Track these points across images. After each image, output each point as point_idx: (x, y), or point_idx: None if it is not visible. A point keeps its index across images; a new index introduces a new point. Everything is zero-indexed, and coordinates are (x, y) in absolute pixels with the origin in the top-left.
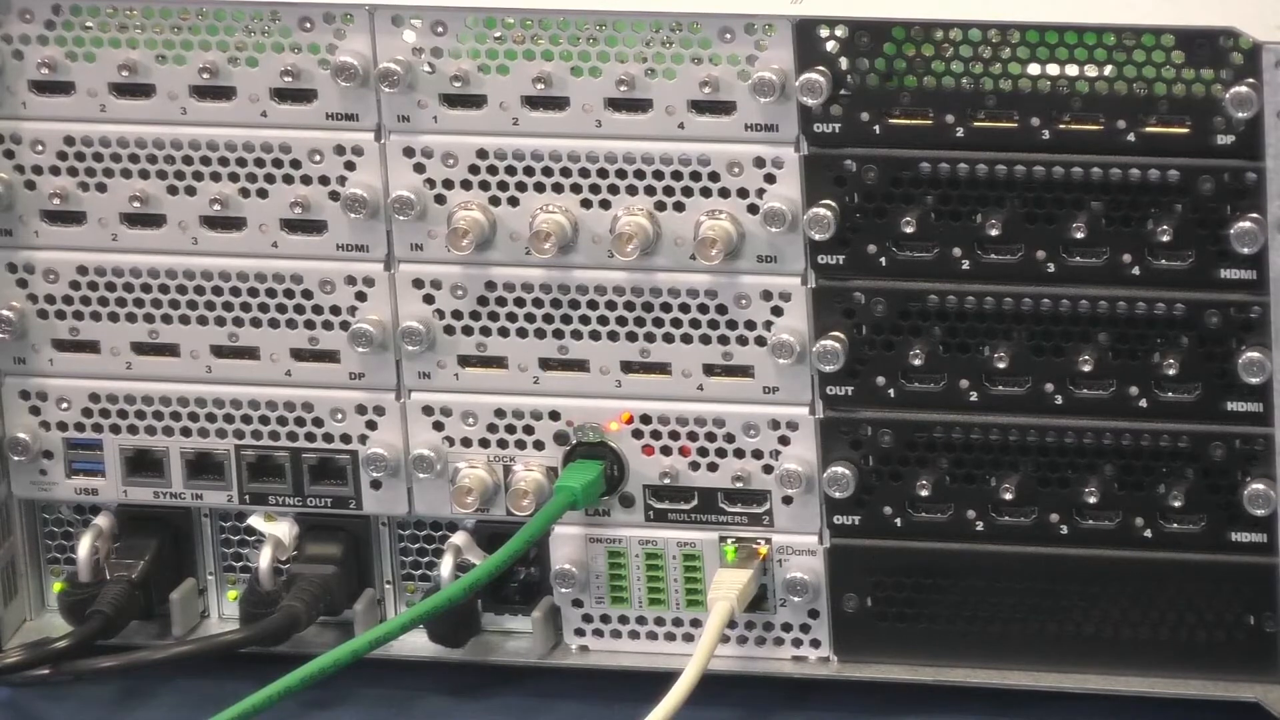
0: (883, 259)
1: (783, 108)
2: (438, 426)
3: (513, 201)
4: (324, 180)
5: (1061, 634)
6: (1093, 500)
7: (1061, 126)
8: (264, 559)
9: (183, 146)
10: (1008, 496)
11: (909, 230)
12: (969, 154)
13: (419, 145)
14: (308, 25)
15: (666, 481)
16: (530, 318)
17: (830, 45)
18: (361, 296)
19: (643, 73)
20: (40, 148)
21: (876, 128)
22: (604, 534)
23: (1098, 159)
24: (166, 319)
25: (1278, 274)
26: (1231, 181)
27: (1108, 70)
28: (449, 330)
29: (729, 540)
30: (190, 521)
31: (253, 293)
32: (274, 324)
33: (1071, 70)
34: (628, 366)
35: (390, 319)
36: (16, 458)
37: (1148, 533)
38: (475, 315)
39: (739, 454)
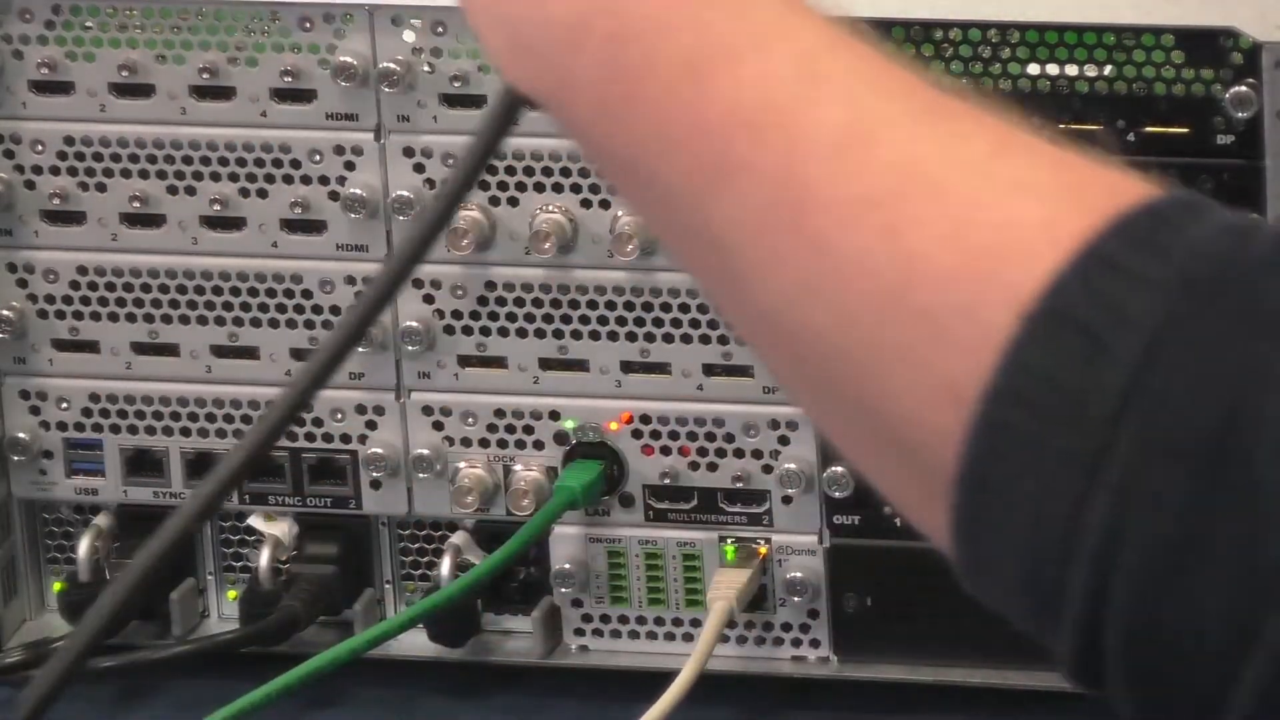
0: None
1: None
2: (438, 426)
3: (512, 201)
4: (324, 180)
5: None
6: None
7: (1061, 126)
8: (264, 559)
9: (183, 146)
10: None
11: None
12: None
13: (419, 145)
14: (308, 25)
15: (666, 481)
16: (530, 318)
17: None
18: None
19: None
20: (40, 148)
21: None
22: (604, 534)
23: None
24: (166, 319)
25: None
26: (1231, 181)
27: (1108, 70)
28: (449, 330)
29: (729, 540)
30: None
31: (253, 293)
32: (274, 324)
33: (1071, 70)
34: (628, 366)
35: (390, 319)
36: (16, 458)
37: None
38: (475, 315)
39: (739, 454)
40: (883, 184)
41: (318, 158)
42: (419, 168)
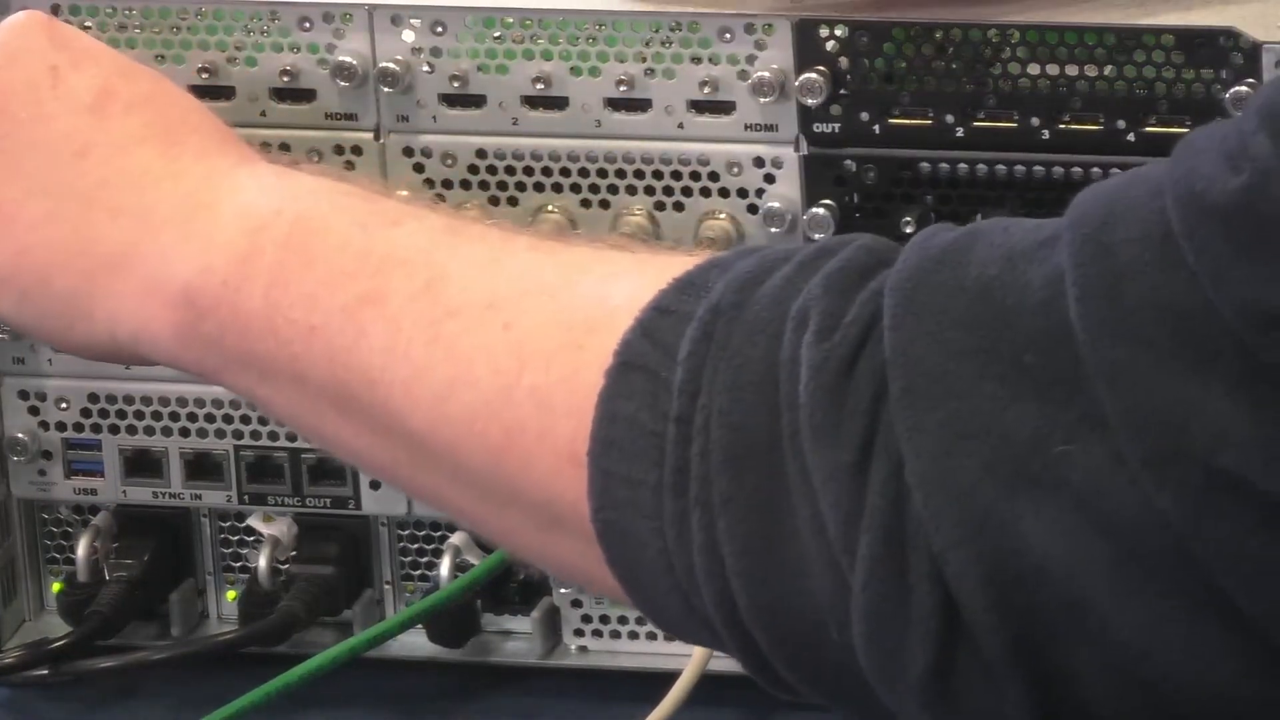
0: None
1: (782, 108)
2: None
3: (512, 201)
4: None
5: None
6: None
7: (1061, 126)
8: (263, 559)
9: None
10: None
11: (909, 230)
12: (969, 154)
13: (418, 145)
14: (307, 25)
15: None
16: None
17: (830, 45)
18: None
19: (642, 73)
20: None
21: (876, 128)
22: None
23: (1098, 159)
24: None
25: None
26: None
27: (1108, 70)
28: None
29: None
30: (189, 522)
31: None
32: None
33: (1071, 70)
34: None
35: None
36: (16, 458)
37: None
38: None
39: None
40: (504, 290)
41: (317, 158)
42: (418, 168)
